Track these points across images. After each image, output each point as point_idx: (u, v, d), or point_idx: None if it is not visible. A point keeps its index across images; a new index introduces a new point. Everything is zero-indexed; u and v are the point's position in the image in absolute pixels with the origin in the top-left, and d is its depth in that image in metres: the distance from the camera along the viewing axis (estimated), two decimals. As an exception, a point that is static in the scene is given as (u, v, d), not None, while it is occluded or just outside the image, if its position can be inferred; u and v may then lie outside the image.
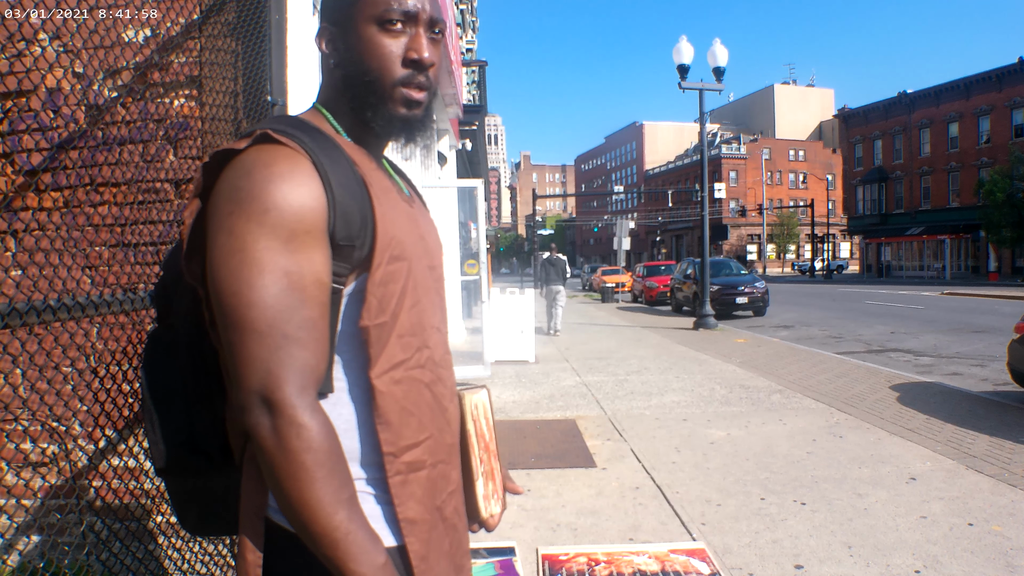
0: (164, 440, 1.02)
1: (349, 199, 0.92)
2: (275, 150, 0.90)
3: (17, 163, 2.53)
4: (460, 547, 1.05)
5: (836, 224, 60.23)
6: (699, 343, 12.00)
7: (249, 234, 0.86)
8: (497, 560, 2.24)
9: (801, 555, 3.32)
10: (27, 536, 2.53)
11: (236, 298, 0.85)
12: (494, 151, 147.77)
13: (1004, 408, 6.43)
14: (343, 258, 0.92)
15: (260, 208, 0.86)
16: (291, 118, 1.00)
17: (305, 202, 0.88)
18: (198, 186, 0.94)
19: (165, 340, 1.05)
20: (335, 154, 0.94)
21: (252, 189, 0.87)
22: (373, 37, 0.99)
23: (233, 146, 0.92)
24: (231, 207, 0.87)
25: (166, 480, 1.08)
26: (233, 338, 0.86)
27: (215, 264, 0.87)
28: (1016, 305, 16.49)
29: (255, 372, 0.84)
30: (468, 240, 15.07)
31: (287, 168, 0.88)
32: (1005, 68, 37.76)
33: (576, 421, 6.24)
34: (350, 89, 1.01)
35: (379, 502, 0.94)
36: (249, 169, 0.88)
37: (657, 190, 65.57)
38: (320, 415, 0.86)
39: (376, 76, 0.99)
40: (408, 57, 1.00)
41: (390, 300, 0.94)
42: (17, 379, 2.39)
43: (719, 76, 14.26)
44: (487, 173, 22.49)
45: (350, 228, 0.91)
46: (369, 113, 1.01)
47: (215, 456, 1.03)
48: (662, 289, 22.41)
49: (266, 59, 2.42)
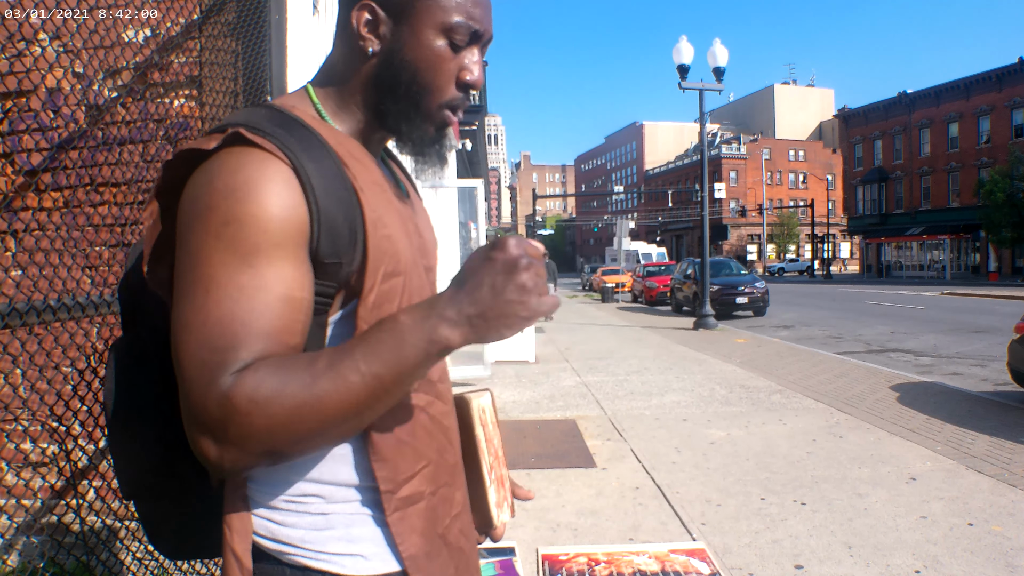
0: (134, 463, 0.91)
1: (335, 208, 0.81)
2: (245, 154, 0.78)
3: (17, 163, 2.53)
4: (468, 568, 0.99)
5: (836, 224, 60.24)
6: (699, 343, 12.00)
7: (204, 248, 0.76)
8: (497, 560, 2.24)
9: (801, 555, 3.32)
10: (27, 536, 2.53)
11: (178, 319, 0.76)
12: (494, 151, 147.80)
13: (1004, 408, 6.43)
14: (328, 276, 0.82)
15: (219, 221, 0.76)
16: (270, 109, 0.87)
17: (274, 213, 0.77)
18: (156, 186, 0.84)
19: (134, 351, 0.93)
20: (319, 153, 0.82)
21: (211, 200, 0.77)
22: (434, 47, 0.88)
23: (200, 146, 0.80)
24: (189, 220, 0.78)
25: (136, 505, 0.96)
26: (175, 365, 0.76)
27: (174, 285, 0.79)
28: (1016, 305, 16.48)
29: (185, 400, 0.74)
30: (468, 240, 15.06)
31: (256, 175, 0.77)
32: (1005, 68, 37.76)
33: (576, 421, 6.24)
34: (386, 92, 0.90)
35: (379, 524, 0.87)
36: (212, 177, 0.78)
37: (657, 190, 65.61)
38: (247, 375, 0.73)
39: (427, 91, 0.89)
40: (462, 79, 0.91)
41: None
42: (17, 379, 2.40)
43: (719, 76, 14.26)
44: (487, 173, 22.51)
45: (336, 243, 0.81)
46: (404, 126, 0.92)
47: (191, 478, 0.91)
48: (662, 289, 22.42)
49: (266, 59, 2.42)
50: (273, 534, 0.85)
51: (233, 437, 0.72)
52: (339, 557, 0.85)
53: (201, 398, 0.72)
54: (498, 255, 0.76)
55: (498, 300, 0.74)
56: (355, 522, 0.86)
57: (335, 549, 0.85)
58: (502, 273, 0.75)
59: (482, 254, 0.77)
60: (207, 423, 0.72)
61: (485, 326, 0.75)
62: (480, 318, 0.74)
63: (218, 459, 0.73)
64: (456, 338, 0.75)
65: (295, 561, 0.85)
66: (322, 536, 0.85)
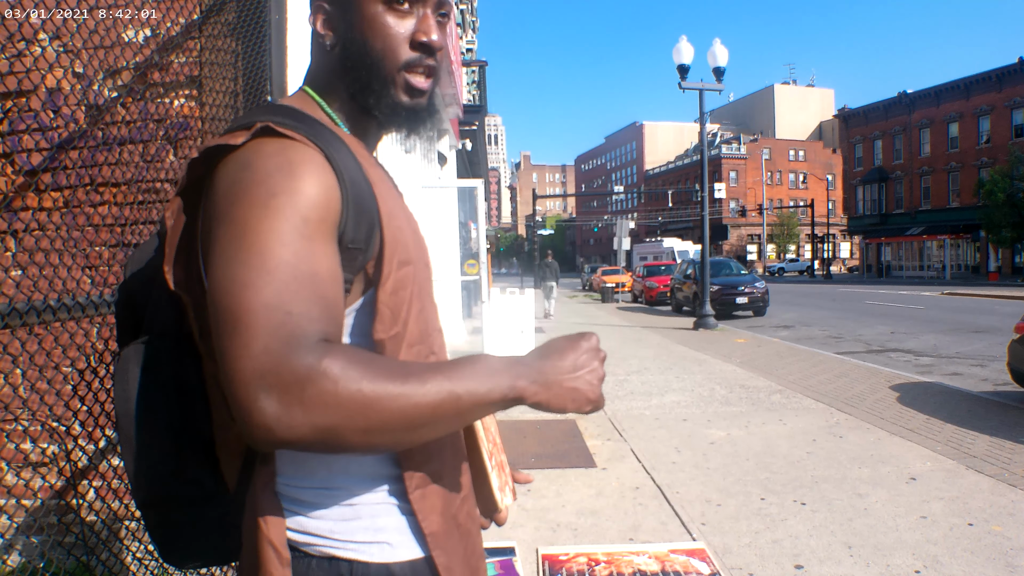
0: (148, 470, 0.90)
1: (361, 197, 0.84)
2: (280, 142, 0.81)
3: (17, 163, 2.53)
4: (475, 551, 1.02)
5: (836, 224, 60.24)
6: (699, 343, 12.00)
7: (252, 219, 0.76)
8: (497, 560, 2.24)
9: (801, 555, 3.32)
10: (27, 536, 2.53)
11: (232, 284, 0.74)
12: (494, 151, 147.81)
13: (1004, 408, 6.43)
14: (347, 262, 0.84)
15: (267, 193, 0.77)
16: (288, 108, 0.90)
17: (317, 191, 0.79)
18: (182, 182, 0.86)
19: (142, 358, 0.92)
20: (340, 146, 0.85)
21: (255, 177, 0.78)
22: (378, 16, 0.92)
23: (227, 141, 0.81)
24: (230, 200, 0.78)
25: (147, 514, 0.95)
26: (226, 330, 0.73)
27: (214, 259, 0.77)
28: (1016, 305, 16.48)
29: (250, 358, 0.71)
30: (468, 240, 15.07)
31: (296, 157, 0.80)
32: (1005, 68, 37.77)
33: (576, 421, 6.24)
34: (350, 72, 0.94)
35: (403, 512, 0.90)
36: (250, 161, 0.79)
37: (657, 190, 65.61)
38: (339, 349, 0.74)
39: (380, 58, 0.92)
40: (416, 39, 0.93)
41: (401, 309, 0.88)
42: (17, 379, 2.40)
43: (719, 76, 14.26)
44: (487, 173, 22.52)
45: (359, 229, 0.83)
46: (372, 100, 0.94)
47: (207, 484, 0.92)
48: (662, 289, 22.41)
49: (266, 59, 2.42)
50: (302, 527, 0.87)
51: (309, 402, 0.70)
52: (365, 546, 0.87)
53: (282, 357, 0.71)
54: (586, 344, 0.88)
55: (575, 377, 0.85)
56: (380, 512, 0.88)
57: (362, 538, 0.87)
58: (585, 357, 0.87)
59: (571, 339, 0.88)
60: (281, 383, 0.70)
61: (556, 392, 0.84)
62: (557, 385, 0.84)
63: (274, 421, 0.71)
64: (531, 394, 0.83)
65: (322, 552, 0.86)
66: (349, 527, 0.87)
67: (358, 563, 0.86)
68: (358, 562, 0.86)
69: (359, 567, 0.86)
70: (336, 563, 0.85)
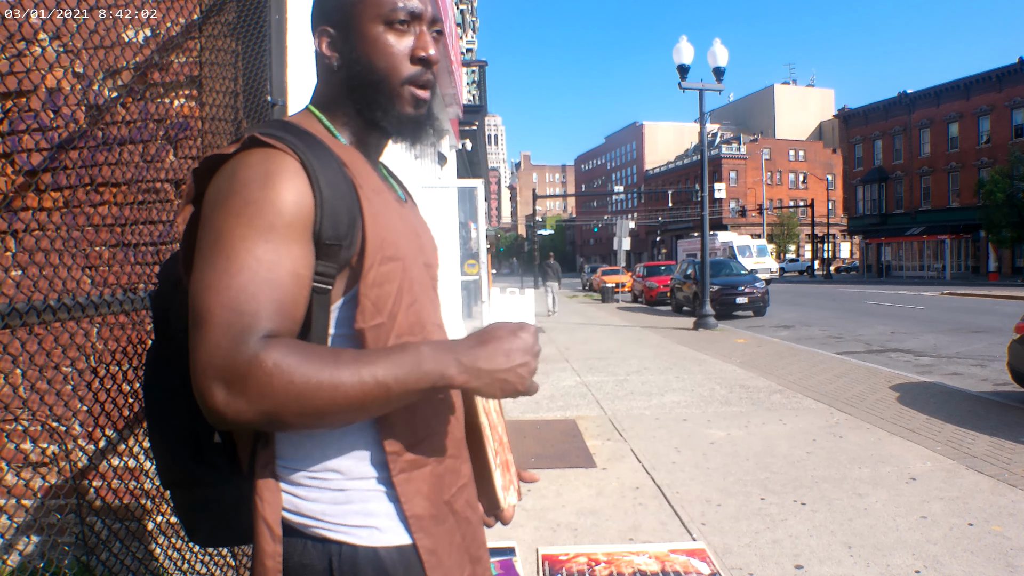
0: (171, 454, 1.02)
1: (337, 199, 0.92)
2: (261, 152, 0.90)
3: (17, 163, 2.53)
4: (475, 539, 1.06)
5: (836, 224, 60.22)
6: (699, 343, 12.00)
7: (226, 226, 0.86)
8: (497, 560, 2.24)
9: (801, 555, 3.32)
10: (27, 536, 2.53)
11: (199, 284, 0.85)
12: (494, 151, 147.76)
13: (1004, 408, 6.43)
14: (329, 257, 0.92)
15: (240, 202, 0.87)
16: (281, 122, 1.00)
17: (288, 197, 0.88)
18: (190, 192, 0.96)
19: (165, 354, 1.05)
20: (324, 155, 0.94)
21: (233, 187, 0.88)
22: (380, 36, 1.00)
23: (222, 151, 0.93)
24: (214, 205, 0.89)
25: (173, 494, 1.08)
26: (192, 326, 0.84)
27: (195, 261, 0.88)
28: (1016, 305, 16.48)
29: (205, 352, 0.82)
30: (468, 240, 15.05)
31: (272, 167, 0.89)
32: (1005, 68, 37.75)
33: (576, 421, 6.24)
34: (356, 91, 1.02)
35: (390, 499, 0.95)
36: (234, 171, 0.90)
37: (657, 190, 65.59)
38: (278, 343, 0.83)
39: (385, 75, 1.00)
40: (415, 55, 1.01)
41: (386, 301, 0.94)
42: (17, 379, 2.39)
43: (719, 76, 14.26)
44: (487, 173, 22.52)
45: (337, 227, 0.91)
46: (379, 113, 1.02)
47: (223, 467, 1.02)
48: (662, 289, 22.42)
49: (266, 59, 2.42)
50: (297, 508, 0.93)
51: (249, 391, 0.80)
52: (356, 529, 0.93)
53: (228, 352, 0.81)
54: (523, 335, 0.93)
55: (507, 367, 0.91)
56: (371, 498, 0.94)
57: (353, 522, 0.93)
58: (520, 350, 0.91)
59: (510, 328, 0.93)
60: (226, 374, 0.81)
61: (486, 382, 0.90)
62: (487, 374, 0.89)
63: (223, 407, 0.81)
64: (461, 382, 0.89)
65: (316, 533, 0.92)
66: (341, 510, 0.93)
67: (348, 546, 0.92)
68: (348, 545, 0.92)
69: (348, 550, 0.92)
70: (328, 545, 0.92)
